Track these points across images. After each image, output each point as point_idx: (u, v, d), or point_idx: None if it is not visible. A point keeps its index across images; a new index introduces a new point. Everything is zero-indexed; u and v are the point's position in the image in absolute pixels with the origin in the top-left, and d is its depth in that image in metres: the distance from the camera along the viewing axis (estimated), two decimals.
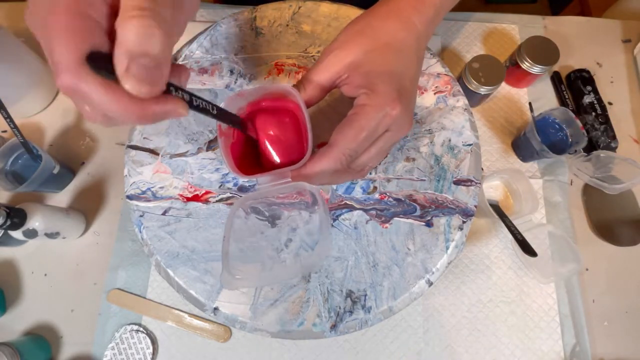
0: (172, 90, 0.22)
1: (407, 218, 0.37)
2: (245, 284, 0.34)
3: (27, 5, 0.20)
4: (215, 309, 0.36)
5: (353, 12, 0.43)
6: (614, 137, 0.56)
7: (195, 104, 0.24)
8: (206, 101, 0.25)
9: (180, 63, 0.23)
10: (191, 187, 0.39)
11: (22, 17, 0.64)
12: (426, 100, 0.41)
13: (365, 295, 0.36)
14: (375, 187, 0.38)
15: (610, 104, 0.59)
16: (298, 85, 0.31)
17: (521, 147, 0.55)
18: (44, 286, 0.52)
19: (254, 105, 0.33)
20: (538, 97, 0.59)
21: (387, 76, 0.29)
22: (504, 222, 0.49)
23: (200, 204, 0.38)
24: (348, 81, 0.30)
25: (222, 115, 0.27)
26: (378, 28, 0.30)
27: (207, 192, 0.38)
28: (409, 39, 0.30)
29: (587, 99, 0.58)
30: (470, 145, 0.39)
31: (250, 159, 0.33)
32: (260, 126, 0.33)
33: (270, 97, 0.32)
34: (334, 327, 0.35)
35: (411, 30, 0.31)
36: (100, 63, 0.19)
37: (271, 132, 0.33)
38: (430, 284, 0.36)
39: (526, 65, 0.54)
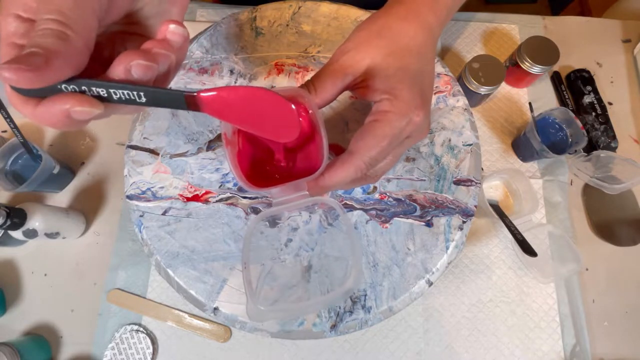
0: (84, 88, 0.20)
1: (407, 218, 0.37)
2: (272, 317, 0.32)
3: None
4: (215, 309, 0.36)
5: (353, 12, 0.43)
6: (614, 137, 0.56)
7: (117, 97, 0.21)
8: (131, 87, 0.21)
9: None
10: (191, 187, 0.39)
11: None
12: None
13: (365, 295, 0.36)
14: (375, 187, 0.38)
15: (610, 104, 0.59)
16: (308, 86, 0.28)
17: (521, 147, 0.55)
18: (44, 286, 0.52)
19: None
20: (538, 97, 0.59)
21: (409, 81, 0.28)
22: (504, 222, 0.49)
23: (200, 204, 0.38)
24: (364, 85, 0.28)
25: (157, 99, 0.22)
26: (397, 30, 0.29)
27: (207, 192, 0.38)
28: (427, 41, 0.29)
29: (587, 99, 0.58)
30: (470, 145, 0.39)
31: (259, 167, 0.31)
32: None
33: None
34: (334, 327, 0.35)
35: (429, 32, 0.30)
36: None
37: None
38: (430, 284, 0.36)
39: (526, 65, 0.54)
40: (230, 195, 0.38)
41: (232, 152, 0.29)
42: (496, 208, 0.52)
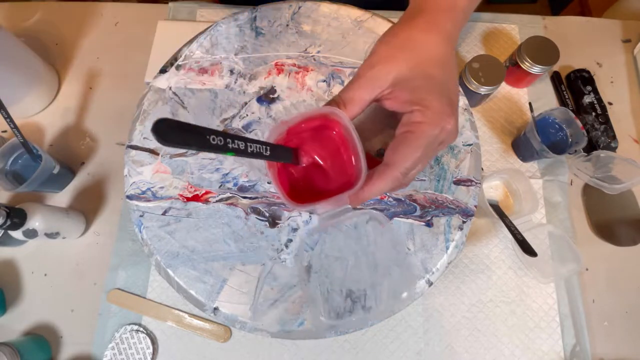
0: (228, 142, 0.22)
1: (407, 218, 0.37)
2: (339, 328, 0.34)
3: None
4: (215, 309, 0.36)
5: (353, 12, 0.43)
6: (614, 137, 0.56)
7: (250, 150, 0.24)
8: (260, 143, 0.25)
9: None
10: (191, 187, 0.39)
11: (22, 17, 0.64)
12: None
13: (365, 295, 0.36)
14: None
15: (610, 104, 0.59)
16: (337, 102, 0.30)
17: (521, 147, 0.55)
18: (44, 286, 0.52)
19: (294, 129, 0.31)
20: (538, 97, 0.59)
21: (438, 91, 0.29)
22: (504, 222, 0.49)
23: (200, 204, 0.38)
24: (392, 96, 0.29)
25: (275, 152, 0.27)
26: (420, 42, 0.29)
27: (207, 192, 0.38)
28: (449, 49, 0.30)
29: (587, 99, 0.58)
30: (470, 145, 0.39)
31: (297, 183, 0.32)
32: (304, 150, 0.32)
33: (309, 119, 0.30)
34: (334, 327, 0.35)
35: (450, 41, 0.30)
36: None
37: (315, 155, 0.32)
38: (430, 284, 0.36)
39: (526, 65, 0.54)
40: (230, 195, 0.38)
41: (274, 173, 0.30)
42: (496, 208, 0.52)
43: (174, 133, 0.20)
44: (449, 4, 0.31)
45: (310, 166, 0.32)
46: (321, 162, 0.32)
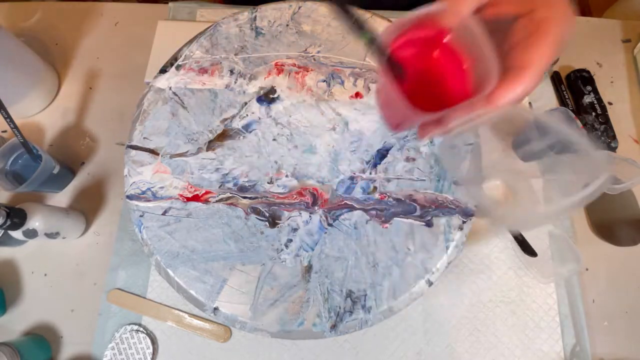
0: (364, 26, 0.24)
1: (407, 218, 0.37)
2: None
3: None
4: (215, 309, 0.36)
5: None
6: (614, 137, 0.56)
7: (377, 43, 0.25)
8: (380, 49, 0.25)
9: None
10: (191, 187, 0.39)
11: (22, 17, 0.64)
12: None
13: (365, 295, 0.36)
14: (375, 187, 0.38)
15: (610, 104, 0.59)
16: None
17: (521, 147, 0.55)
18: (44, 286, 0.52)
19: (399, 37, 0.27)
20: (538, 97, 0.59)
21: None
22: None
23: (200, 204, 0.38)
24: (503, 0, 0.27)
25: (390, 63, 0.25)
26: None
27: (207, 192, 0.38)
28: None
29: (587, 99, 0.58)
30: (470, 145, 0.39)
31: (410, 95, 0.27)
32: (411, 58, 0.28)
33: (416, 23, 0.27)
34: (334, 327, 0.35)
35: None
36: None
37: (424, 66, 0.29)
38: (430, 284, 0.36)
39: None
40: (230, 195, 0.38)
41: (392, 84, 0.26)
42: None
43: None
44: None
45: (420, 79, 0.29)
46: (432, 74, 0.29)
